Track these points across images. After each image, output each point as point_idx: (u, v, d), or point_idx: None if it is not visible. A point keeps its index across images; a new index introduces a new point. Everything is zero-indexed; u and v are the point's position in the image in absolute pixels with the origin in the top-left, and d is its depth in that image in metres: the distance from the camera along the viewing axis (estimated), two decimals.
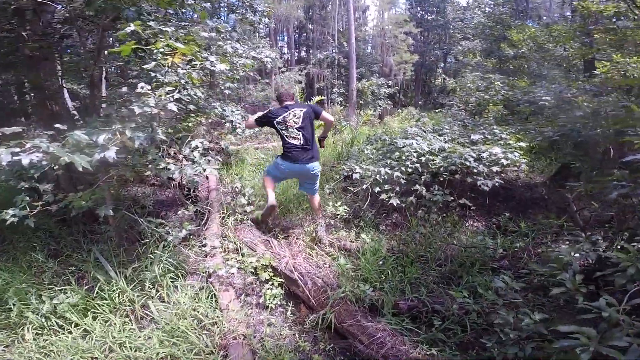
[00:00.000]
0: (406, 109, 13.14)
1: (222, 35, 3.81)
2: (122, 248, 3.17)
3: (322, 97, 7.17)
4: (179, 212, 3.96)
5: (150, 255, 2.95)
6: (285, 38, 23.82)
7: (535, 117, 4.97)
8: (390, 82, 12.19)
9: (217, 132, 5.58)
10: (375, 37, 16.53)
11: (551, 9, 16.09)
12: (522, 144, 4.30)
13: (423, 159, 3.67)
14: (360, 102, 11.41)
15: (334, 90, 13.58)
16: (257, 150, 7.53)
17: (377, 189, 3.69)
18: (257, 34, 6.14)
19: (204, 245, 3.29)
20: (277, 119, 3.19)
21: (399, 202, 3.59)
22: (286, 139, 3.19)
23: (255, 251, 3.22)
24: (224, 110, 5.24)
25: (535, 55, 6.88)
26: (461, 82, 8.85)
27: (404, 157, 3.62)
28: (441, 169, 3.84)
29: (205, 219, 3.82)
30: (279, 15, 14.54)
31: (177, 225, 3.34)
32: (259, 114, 3.34)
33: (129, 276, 2.79)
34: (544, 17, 16.82)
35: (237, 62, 4.97)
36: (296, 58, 23.65)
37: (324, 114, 3.37)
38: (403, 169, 3.56)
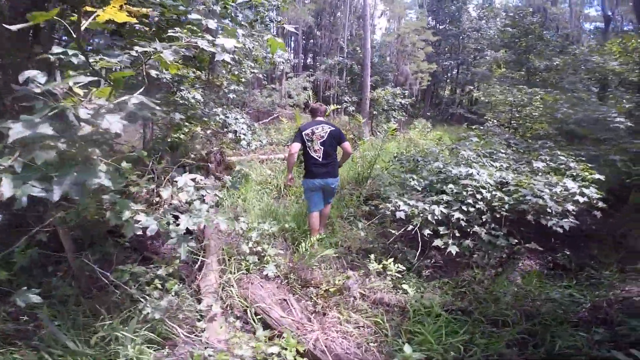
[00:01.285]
0: (421, 121, 12.34)
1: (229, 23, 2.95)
2: (88, 298, 2.31)
3: (338, 106, 6.28)
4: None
5: (122, 324, 2.07)
6: (293, 44, 23.22)
7: (602, 141, 4.13)
8: (406, 91, 11.41)
9: (217, 145, 4.70)
10: (391, 44, 15.83)
11: (571, 20, 15.45)
12: (598, 176, 3.45)
13: (487, 194, 2.81)
14: (374, 112, 10.60)
15: (345, 98, 12.79)
16: (263, 164, 6.68)
17: (426, 232, 2.83)
18: (268, 32, 5.34)
19: (199, 300, 2.43)
20: (305, 131, 3.31)
21: (458, 250, 2.72)
22: (309, 151, 3.30)
23: (269, 325, 2.33)
24: (227, 117, 4.39)
25: (582, 68, 6.07)
26: (488, 93, 8.04)
27: (465, 193, 2.75)
28: (505, 206, 2.98)
29: (199, 263, 2.94)
30: (289, 18, 13.86)
31: (161, 273, 2.46)
32: (295, 137, 3.40)
33: (97, 344, 1.92)
34: (563, 28, 16.19)
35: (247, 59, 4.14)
36: (302, 64, 23.02)
37: (346, 144, 3.41)
38: (465, 207, 2.70)
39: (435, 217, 2.75)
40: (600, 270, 3.00)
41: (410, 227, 2.89)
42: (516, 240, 3.01)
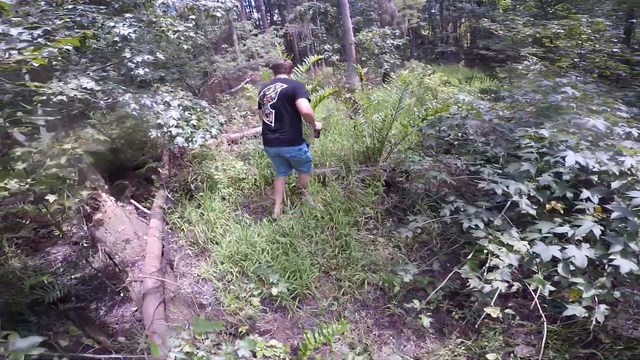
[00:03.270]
0: (415, 63, 10.45)
1: None
2: None
3: (320, 57, 4.56)
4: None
5: None
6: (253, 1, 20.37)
7: None
8: (396, 31, 9.41)
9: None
10: None
11: None
12: None
13: None
14: (362, 58, 8.71)
15: (325, 47, 10.67)
16: (232, 146, 4.99)
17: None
18: None
19: None
20: (260, 94, 2.96)
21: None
22: (262, 116, 2.93)
23: None
24: (145, 104, 2.68)
25: None
26: (506, 26, 6.24)
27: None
28: None
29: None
30: None
31: None
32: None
33: None
34: None
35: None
36: (269, 21, 20.27)
37: (300, 102, 2.69)
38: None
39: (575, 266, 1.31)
40: None
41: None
42: None
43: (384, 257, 2.60)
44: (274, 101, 2.76)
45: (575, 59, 4.28)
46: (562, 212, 1.75)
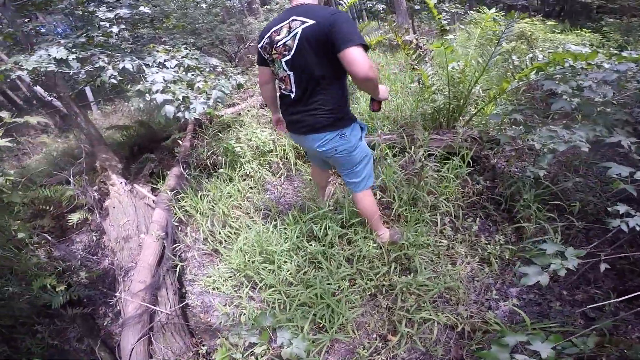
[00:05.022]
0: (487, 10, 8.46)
1: None
2: None
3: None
4: None
5: None
6: None
7: None
8: None
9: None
10: None
11: None
12: None
13: None
14: (415, 6, 7.16)
15: None
16: (264, 111, 4.23)
17: None
18: None
19: None
20: (261, 44, 1.54)
21: None
22: (276, 82, 1.62)
23: None
24: (126, 67, 2.02)
25: None
26: None
27: None
28: None
29: None
30: None
31: None
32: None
33: None
34: None
35: None
36: None
37: (349, 53, 1.24)
38: None
39: None
40: None
41: None
42: None
43: (464, 276, 1.74)
44: (292, 53, 1.42)
45: None
46: None
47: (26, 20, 2.82)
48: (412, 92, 3.35)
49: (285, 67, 1.46)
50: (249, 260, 1.92)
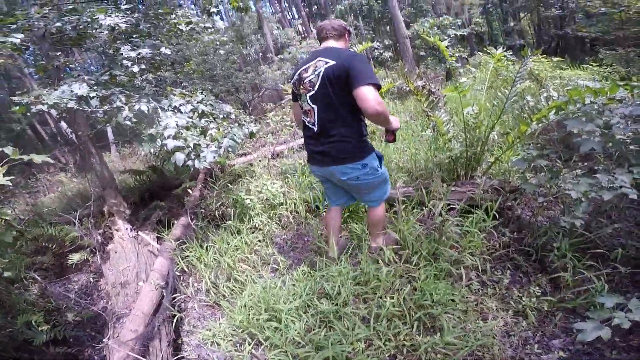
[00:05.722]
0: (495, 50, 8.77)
1: None
2: None
3: (370, 44, 3.48)
4: None
5: None
6: (296, 14, 20.70)
7: None
8: (457, 20, 8.04)
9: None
10: None
11: None
12: None
13: None
14: (421, 53, 7.51)
15: (374, 45, 9.52)
16: (277, 160, 4.25)
17: None
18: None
19: None
20: (293, 79, 1.79)
21: None
22: (302, 117, 1.80)
23: None
24: (142, 110, 2.06)
25: None
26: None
27: None
28: None
29: None
30: None
31: None
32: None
33: None
34: None
35: None
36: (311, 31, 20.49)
37: (362, 92, 1.46)
38: None
39: None
40: None
41: None
42: None
43: (498, 332, 1.53)
44: (315, 89, 1.61)
45: None
46: None
47: (58, 54, 2.88)
48: (425, 141, 3.31)
49: (309, 102, 1.66)
50: (253, 317, 1.75)
